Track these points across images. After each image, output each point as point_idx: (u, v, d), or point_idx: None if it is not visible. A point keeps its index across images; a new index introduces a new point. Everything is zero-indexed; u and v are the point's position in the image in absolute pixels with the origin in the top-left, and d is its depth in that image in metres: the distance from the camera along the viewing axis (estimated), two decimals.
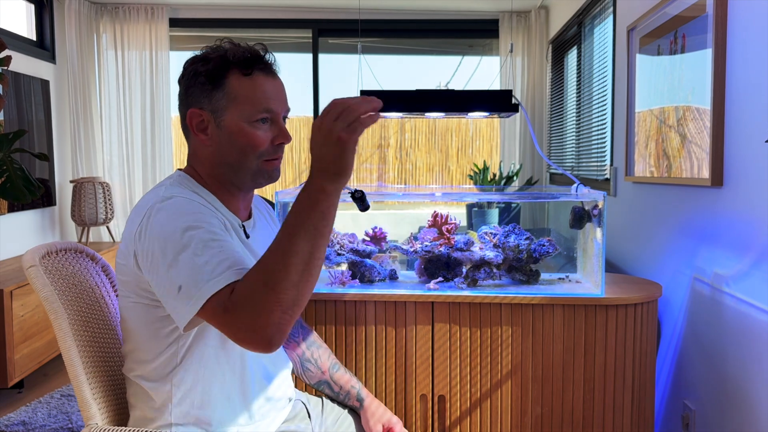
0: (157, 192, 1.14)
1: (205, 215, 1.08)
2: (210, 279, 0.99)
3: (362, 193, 1.60)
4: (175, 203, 1.08)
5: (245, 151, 1.15)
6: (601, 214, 1.76)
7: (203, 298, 0.99)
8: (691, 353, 1.97)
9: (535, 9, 4.54)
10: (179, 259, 1.02)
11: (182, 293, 1.01)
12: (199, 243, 1.02)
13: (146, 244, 1.06)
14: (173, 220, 1.05)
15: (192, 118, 1.16)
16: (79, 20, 4.35)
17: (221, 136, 1.15)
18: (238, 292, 0.97)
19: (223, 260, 1.02)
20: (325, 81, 4.83)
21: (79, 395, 1.18)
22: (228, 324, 0.98)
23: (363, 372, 1.79)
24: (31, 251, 1.24)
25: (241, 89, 1.14)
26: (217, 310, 0.98)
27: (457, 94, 2.17)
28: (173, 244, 1.03)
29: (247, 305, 0.95)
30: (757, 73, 1.59)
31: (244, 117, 1.14)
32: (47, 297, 1.19)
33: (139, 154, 4.59)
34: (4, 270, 3.22)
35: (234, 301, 0.97)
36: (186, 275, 1.01)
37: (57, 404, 2.83)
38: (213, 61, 1.15)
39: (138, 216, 1.10)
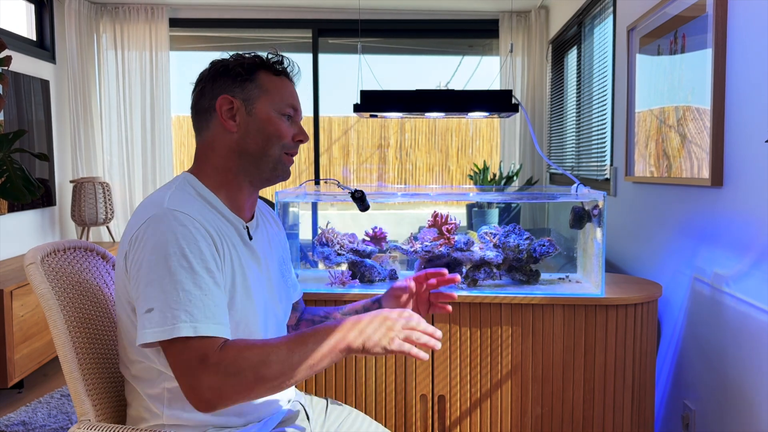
0: (161, 198, 1.13)
1: (202, 244, 1.08)
2: (188, 321, 1.00)
3: (362, 193, 1.60)
4: (178, 219, 1.08)
5: (271, 140, 1.20)
6: (601, 214, 1.76)
7: (173, 334, 1.00)
8: (691, 353, 1.97)
9: (535, 9, 4.55)
10: (163, 283, 1.02)
11: (152, 316, 1.01)
12: (190, 275, 1.03)
13: (137, 252, 1.07)
14: (170, 238, 1.05)
15: (222, 105, 1.20)
16: (79, 20, 4.35)
17: (250, 123, 1.20)
18: (229, 359, 0.99)
19: (210, 309, 1.03)
20: (325, 81, 4.83)
21: (73, 391, 1.19)
22: (193, 372, 0.99)
23: (363, 372, 1.79)
24: (34, 249, 1.24)
25: (272, 84, 1.22)
26: (192, 354, 0.99)
27: (457, 94, 2.17)
28: (162, 263, 1.03)
29: (228, 376, 0.98)
30: (757, 73, 1.60)
31: (275, 108, 1.21)
32: (43, 294, 1.20)
33: (139, 154, 4.59)
34: (4, 270, 3.22)
35: (218, 362, 0.99)
36: (163, 300, 1.01)
37: (57, 404, 2.83)
38: (247, 59, 1.22)
39: (137, 221, 1.10)
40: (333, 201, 2.21)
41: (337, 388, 1.80)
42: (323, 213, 2.27)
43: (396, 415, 1.79)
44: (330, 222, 1.98)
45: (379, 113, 2.26)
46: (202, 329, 1.01)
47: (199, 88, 1.24)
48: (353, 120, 6.41)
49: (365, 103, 2.20)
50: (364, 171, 6.47)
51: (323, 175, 5.80)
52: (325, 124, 6.37)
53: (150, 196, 1.17)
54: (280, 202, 1.85)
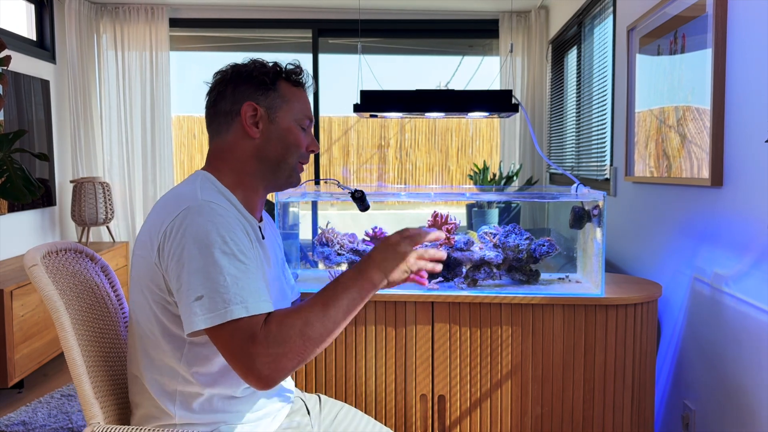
0: (192, 191, 1.15)
1: (239, 232, 1.11)
2: (239, 303, 1.03)
3: (362, 193, 1.60)
4: (215, 210, 1.10)
5: (290, 149, 1.25)
6: (601, 214, 1.76)
7: (227, 317, 1.02)
8: (691, 353, 1.97)
9: (535, 9, 4.54)
10: (209, 270, 1.05)
11: (202, 303, 1.03)
12: (233, 261, 1.06)
13: (177, 242, 1.08)
14: (211, 228, 1.08)
15: (247, 111, 1.23)
16: (79, 20, 4.35)
17: (272, 131, 1.23)
18: (274, 331, 1.03)
19: (255, 290, 1.06)
20: (325, 81, 4.83)
21: (81, 394, 1.18)
22: (247, 352, 1.01)
23: (363, 372, 1.79)
24: (32, 250, 1.24)
25: (292, 95, 1.27)
26: (242, 335, 1.02)
27: (457, 94, 2.17)
28: (205, 252, 1.06)
29: (278, 346, 1.02)
30: (757, 73, 1.59)
31: (295, 118, 1.26)
32: (49, 296, 1.19)
33: (139, 154, 4.58)
34: (4, 270, 3.22)
35: (266, 336, 1.02)
36: (211, 287, 1.04)
37: (57, 404, 2.83)
38: (270, 68, 1.26)
39: (169, 212, 1.11)
40: (333, 201, 2.21)
41: (337, 388, 1.80)
42: (323, 213, 2.27)
43: (396, 415, 1.79)
44: (330, 222, 1.98)
45: (379, 113, 2.26)
46: (252, 308, 1.04)
47: (219, 89, 1.26)
48: (353, 120, 6.41)
49: (365, 103, 2.20)
50: (364, 171, 6.47)
51: (323, 175, 5.80)
52: (325, 124, 6.37)
53: (174, 192, 1.19)
54: (280, 202, 1.85)
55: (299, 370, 1.82)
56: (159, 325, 1.15)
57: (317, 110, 4.82)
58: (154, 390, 1.18)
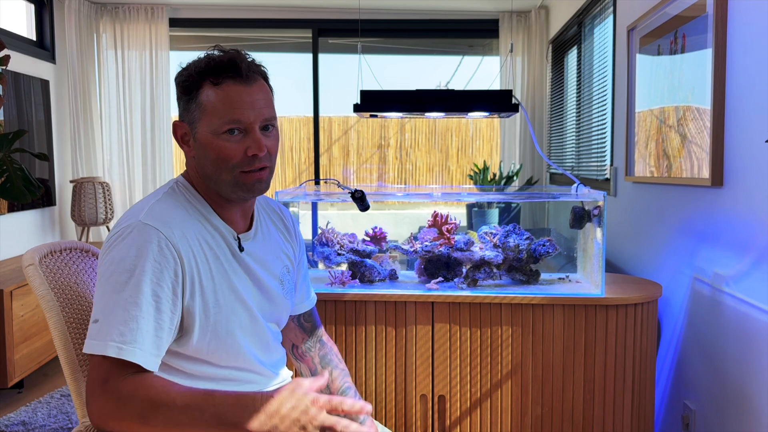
0: (141, 208, 1.10)
1: (162, 265, 1.04)
2: (117, 341, 0.98)
3: (362, 193, 1.60)
4: (146, 236, 1.05)
5: (217, 164, 1.11)
6: (601, 214, 1.76)
7: (99, 351, 0.99)
8: (691, 353, 1.97)
9: (535, 9, 4.55)
10: (109, 296, 1.02)
11: (95, 327, 1.01)
12: (134, 296, 1.01)
13: (105, 260, 1.06)
14: (129, 255, 1.03)
15: (176, 130, 1.16)
16: (79, 20, 4.35)
17: (198, 148, 1.13)
18: (123, 391, 0.97)
19: (142, 335, 1.00)
20: (325, 81, 4.83)
21: (74, 393, 1.18)
22: (92, 391, 0.98)
23: (363, 372, 1.79)
24: (32, 250, 1.24)
25: (209, 101, 1.10)
26: (99, 374, 0.98)
27: (457, 94, 2.17)
28: (113, 278, 1.02)
29: (114, 405, 0.96)
30: (757, 73, 1.59)
31: (212, 129, 1.10)
32: (43, 295, 1.20)
33: (139, 154, 4.58)
34: (4, 270, 3.22)
35: (113, 389, 0.97)
36: (103, 315, 1.01)
37: (57, 404, 2.83)
38: (187, 72, 1.13)
39: (117, 228, 1.08)
40: (333, 201, 2.21)
41: None
42: (323, 213, 2.27)
43: (396, 415, 1.79)
44: (330, 222, 1.98)
45: (379, 113, 2.26)
46: (125, 353, 0.98)
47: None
48: (353, 120, 6.42)
49: (365, 103, 2.20)
50: (364, 171, 6.47)
51: (323, 175, 5.80)
52: (325, 124, 6.37)
53: (139, 201, 1.15)
54: (280, 202, 1.85)
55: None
56: None
57: (317, 110, 4.81)
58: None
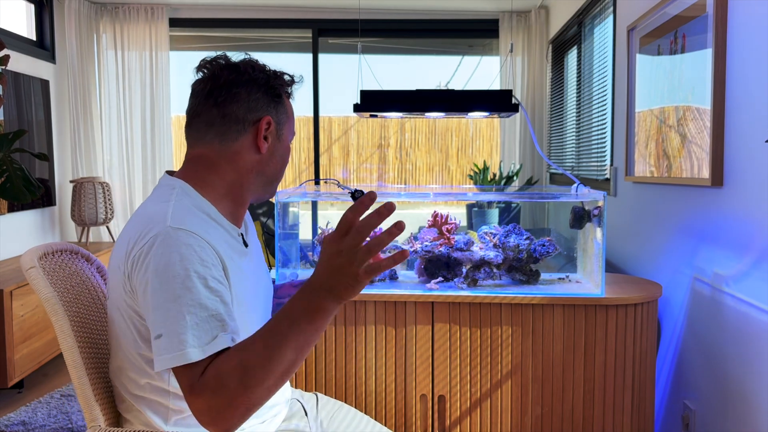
0: (162, 214, 1.06)
1: (209, 262, 1.03)
2: (196, 345, 0.96)
3: (362, 193, 1.60)
4: (182, 239, 1.02)
5: (284, 165, 1.23)
6: (601, 214, 1.76)
7: (181, 361, 0.96)
8: (691, 353, 1.97)
9: (535, 9, 4.54)
10: (168, 307, 0.98)
11: (162, 342, 0.97)
12: (196, 297, 0.99)
13: (143, 273, 1.02)
14: (175, 259, 1.00)
15: (265, 125, 1.15)
16: (79, 20, 4.35)
17: (277, 148, 1.20)
18: (210, 382, 0.93)
19: (212, 329, 0.98)
20: (325, 81, 4.83)
21: (81, 397, 1.16)
22: (192, 404, 0.94)
23: (363, 372, 1.79)
24: (29, 252, 1.23)
25: (290, 109, 1.24)
26: (184, 384, 0.96)
27: (457, 94, 2.17)
28: (166, 287, 0.99)
29: (214, 396, 0.92)
30: (757, 73, 1.59)
31: (291, 133, 1.24)
32: (48, 298, 1.17)
33: (139, 154, 4.58)
34: (4, 270, 3.22)
35: (203, 385, 0.93)
36: (169, 326, 0.98)
37: (57, 404, 2.83)
38: (275, 75, 1.19)
39: (138, 236, 1.05)
40: (333, 201, 2.21)
41: (337, 388, 1.80)
42: (323, 213, 2.27)
43: (396, 415, 1.79)
44: (330, 222, 1.98)
45: (379, 113, 2.26)
46: (209, 349, 0.96)
47: (232, 90, 1.13)
48: (353, 120, 6.41)
49: (365, 103, 2.20)
50: (364, 171, 6.47)
51: (323, 175, 5.79)
52: (325, 124, 6.37)
53: (147, 208, 1.10)
54: (280, 202, 1.85)
55: (299, 370, 1.82)
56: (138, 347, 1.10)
57: (317, 110, 4.82)
58: (142, 407, 1.14)
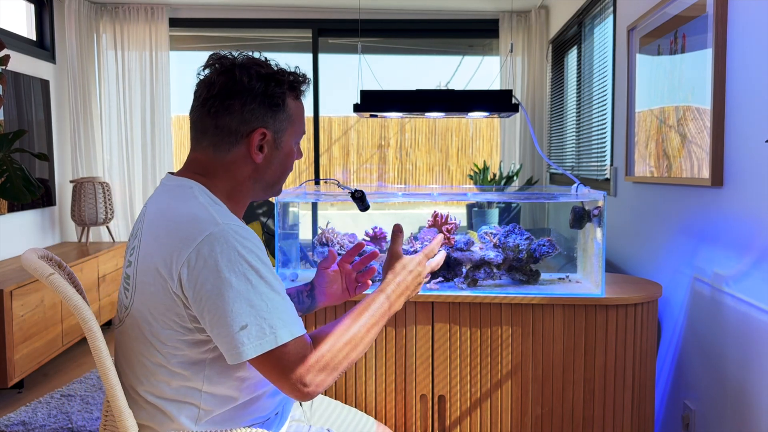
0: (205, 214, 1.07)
1: (263, 251, 1.10)
2: (283, 327, 1.05)
3: (362, 193, 1.60)
4: (239, 233, 1.06)
5: (286, 171, 1.23)
6: (601, 214, 1.76)
7: (276, 343, 1.03)
8: (691, 353, 1.97)
9: (535, 9, 4.54)
10: (250, 297, 1.04)
11: (248, 332, 1.03)
12: (269, 285, 1.06)
13: (207, 271, 1.02)
14: (244, 252, 1.05)
15: (257, 138, 1.14)
16: (79, 20, 4.35)
17: (275, 155, 1.18)
18: (326, 356, 1.08)
19: (292, 311, 1.08)
20: (325, 81, 4.83)
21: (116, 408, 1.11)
22: (297, 374, 1.05)
23: (363, 372, 1.79)
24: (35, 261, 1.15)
25: (295, 112, 1.20)
26: (292, 358, 1.05)
27: (457, 94, 2.17)
28: (242, 278, 1.03)
29: (330, 370, 1.08)
30: (757, 73, 1.59)
31: (295, 138, 1.22)
32: (78, 305, 1.10)
33: (139, 154, 4.59)
34: (4, 270, 3.22)
35: (318, 360, 1.07)
36: (255, 315, 1.03)
37: (57, 404, 2.83)
38: (276, 82, 1.15)
39: (187, 238, 1.05)
40: (333, 201, 2.21)
41: (337, 388, 1.80)
42: (323, 213, 2.27)
43: (396, 415, 1.79)
44: (330, 222, 1.98)
45: (379, 113, 2.26)
46: (295, 331, 1.06)
47: (225, 101, 1.12)
48: (353, 120, 6.41)
49: (365, 103, 2.20)
50: (364, 171, 6.46)
51: (323, 175, 5.79)
52: (325, 124, 6.37)
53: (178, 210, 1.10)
54: (280, 202, 1.85)
55: None
56: (176, 351, 1.10)
57: (317, 110, 4.82)
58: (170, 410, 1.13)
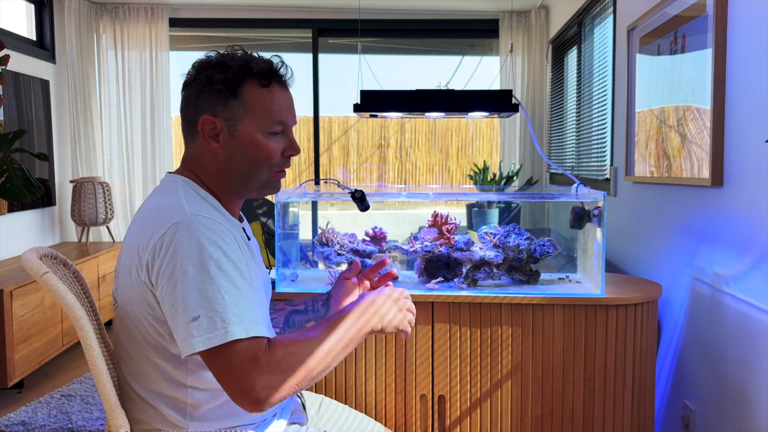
0: (177, 204, 1.08)
1: (232, 245, 1.07)
2: (238, 323, 0.99)
3: (362, 193, 1.60)
4: (204, 223, 1.05)
5: (258, 162, 1.16)
6: (601, 214, 1.76)
7: (227, 338, 0.98)
8: (691, 353, 1.97)
9: (535, 9, 4.54)
10: (205, 288, 1.00)
11: (199, 323, 0.98)
12: (229, 278, 1.02)
13: (168, 259, 1.02)
14: (205, 243, 1.03)
15: (204, 125, 1.14)
16: (79, 20, 4.35)
17: (234, 145, 1.14)
18: (279, 357, 1.00)
19: (252, 310, 1.03)
20: (325, 81, 4.83)
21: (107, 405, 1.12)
22: (247, 375, 0.97)
23: (363, 372, 1.79)
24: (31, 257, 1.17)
25: (258, 100, 1.14)
26: (243, 357, 0.98)
27: (457, 94, 2.17)
28: (200, 269, 1.01)
29: (281, 373, 1.00)
30: (757, 73, 1.59)
31: (260, 128, 1.14)
32: (71, 304, 1.12)
33: (139, 154, 4.58)
34: (4, 270, 3.22)
35: (269, 361, 0.99)
36: (208, 306, 0.99)
37: (57, 404, 2.83)
38: (232, 69, 1.14)
39: (155, 227, 1.06)
40: (333, 201, 2.21)
41: (337, 388, 1.80)
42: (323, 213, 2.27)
43: (396, 415, 1.79)
44: (330, 222, 1.98)
45: (379, 113, 2.26)
46: (251, 330, 1.00)
47: (184, 94, 1.17)
48: (353, 120, 6.41)
49: (365, 103, 2.20)
50: (364, 171, 6.47)
51: (323, 175, 5.80)
52: (325, 124, 6.37)
53: (156, 203, 1.12)
54: (280, 202, 1.85)
55: None
56: (155, 342, 1.10)
57: (317, 110, 4.81)
58: (159, 404, 1.13)
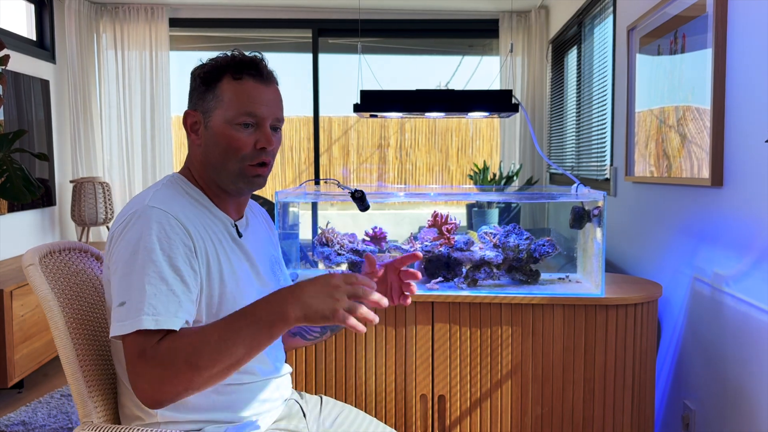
0: (145, 196, 1.16)
1: (177, 242, 1.10)
2: (151, 314, 1.01)
3: (362, 193, 1.60)
4: (153, 217, 1.10)
5: (227, 153, 1.18)
6: (601, 214, 1.76)
7: (133, 327, 1.00)
8: (691, 353, 1.97)
9: (535, 9, 4.54)
10: (133, 277, 1.05)
11: (122, 309, 1.03)
12: (159, 271, 1.05)
13: (115, 247, 1.10)
14: (145, 234, 1.08)
15: (187, 118, 1.23)
16: (79, 20, 4.35)
17: (208, 136, 1.20)
18: (162, 352, 0.98)
19: (173, 304, 1.03)
20: (325, 81, 4.83)
21: (75, 393, 1.18)
22: (135, 369, 0.99)
23: (363, 372, 1.79)
24: (32, 250, 1.24)
25: (228, 92, 1.18)
26: (136, 349, 1.00)
27: (457, 94, 2.17)
28: (134, 258, 1.06)
29: (161, 368, 0.97)
30: (757, 73, 1.59)
31: (228, 119, 1.18)
32: (44, 296, 1.20)
33: (139, 154, 4.59)
34: (4, 270, 3.22)
35: (153, 355, 0.98)
36: (131, 295, 1.03)
37: (57, 404, 2.83)
38: (209, 65, 1.21)
39: (118, 218, 1.14)
40: (333, 201, 2.21)
41: (337, 388, 1.80)
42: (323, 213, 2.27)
43: (396, 415, 1.79)
44: (330, 222, 1.98)
45: (379, 113, 2.26)
46: (165, 323, 1.01)
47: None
48: (353, 120, 6.41)
49: (365, 103, 2.20)
50: (364, 171, 6.47)
51: (323, 175, 5.79)
52: (325, 124, 6.37)
53: (138, 194, 1.20)
54: (280, 202, 1.85)
55: (299, 370, 1.82)
56: None
57: (317, 110, 4.81)
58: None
